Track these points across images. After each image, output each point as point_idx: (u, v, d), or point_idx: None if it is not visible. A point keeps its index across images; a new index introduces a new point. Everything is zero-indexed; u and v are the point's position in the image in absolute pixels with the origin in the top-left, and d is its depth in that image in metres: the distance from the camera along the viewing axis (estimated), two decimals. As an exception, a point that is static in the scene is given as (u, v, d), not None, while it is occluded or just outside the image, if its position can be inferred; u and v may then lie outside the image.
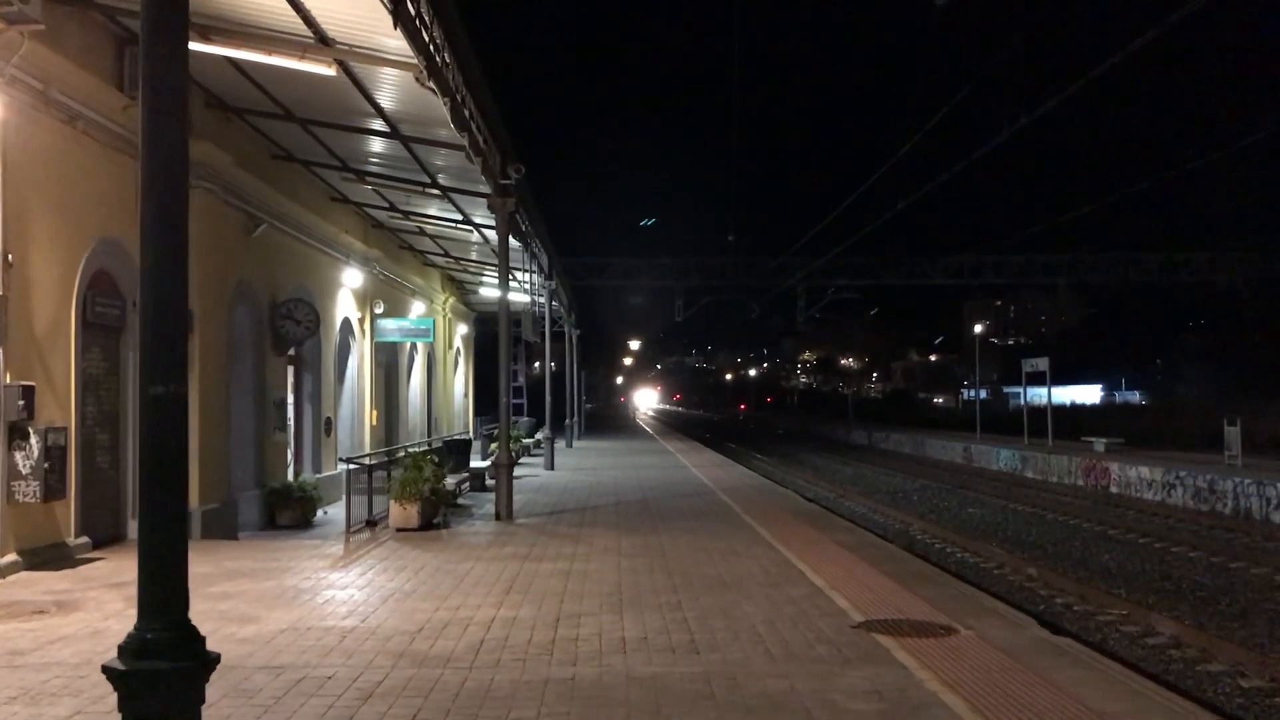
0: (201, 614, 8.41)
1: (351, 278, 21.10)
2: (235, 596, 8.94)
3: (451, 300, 33.35)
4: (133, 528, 12.42)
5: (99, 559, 11.01)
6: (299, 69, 10.93)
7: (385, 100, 13.08)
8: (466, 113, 11.36)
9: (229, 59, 11.64)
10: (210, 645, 3.38)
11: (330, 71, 10.93)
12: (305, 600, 8.80)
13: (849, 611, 8.25)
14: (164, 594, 3.42)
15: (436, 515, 14.14)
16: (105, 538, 11.88)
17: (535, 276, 23.16)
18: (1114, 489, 25.81)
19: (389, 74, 11.60)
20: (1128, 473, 25.33)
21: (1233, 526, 19.38)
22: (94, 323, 11.77)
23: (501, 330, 15.16)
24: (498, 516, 14.53)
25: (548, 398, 27.73)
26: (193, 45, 10.56)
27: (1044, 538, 19.01)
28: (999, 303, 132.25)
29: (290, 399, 18.31)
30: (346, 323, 21.35)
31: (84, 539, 11.36)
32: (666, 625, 7.73)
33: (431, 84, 9.94)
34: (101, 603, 8.60)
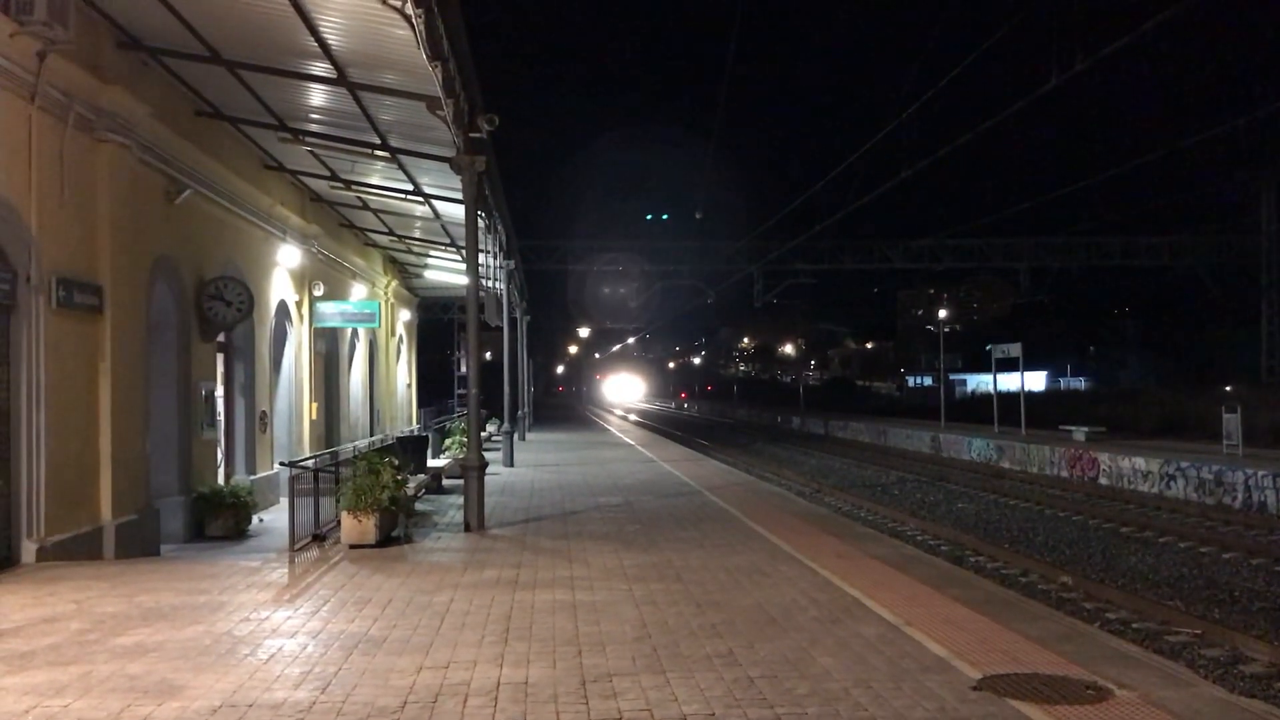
0: (105, 682, 6.24)
1: (288, 256, 18.88)
2: (152, 651, 6.86)
3: (394, 284, 31.08)
4: (27, 549, 10.27)
5: (-21, 593, 8.83)
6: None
7: (332, 35, 10.96)
8: (442, 37, 9.27)
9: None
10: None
11: (269, -14, 8.83)
12: (244, 656, 6.76)
13: (951, 662, 6.45)
14: None
15: (396, 527, 12.09)
16: (-10, 564, 9.69)
17: (493, 256, 21.05)
18: (1104, 480, 24.50)
19: (340, -5, 9.48)
20: (1119, 464, 24.01)
21: (1251, 522, 18.08)
22: (-27, 300, 9.55)
23: (470, 312, 13.14)
24: (468, 527, 12.51)
25: (505, 388, 25.63)
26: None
27: (1054, 537, 17.52)
28: (932, 291, 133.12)
29: (220, 391, 16.10)
30: (283, 306, 19.12)
31: (-39, 568, 9.18)
32: (731, 691, 5.85)
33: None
34: (-32, 666, 6.46)
